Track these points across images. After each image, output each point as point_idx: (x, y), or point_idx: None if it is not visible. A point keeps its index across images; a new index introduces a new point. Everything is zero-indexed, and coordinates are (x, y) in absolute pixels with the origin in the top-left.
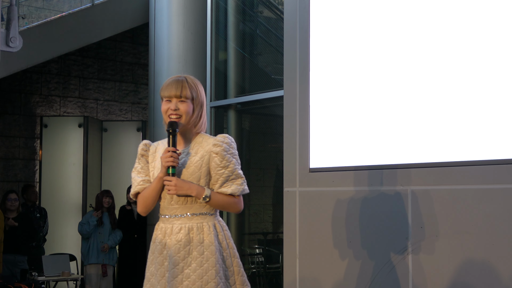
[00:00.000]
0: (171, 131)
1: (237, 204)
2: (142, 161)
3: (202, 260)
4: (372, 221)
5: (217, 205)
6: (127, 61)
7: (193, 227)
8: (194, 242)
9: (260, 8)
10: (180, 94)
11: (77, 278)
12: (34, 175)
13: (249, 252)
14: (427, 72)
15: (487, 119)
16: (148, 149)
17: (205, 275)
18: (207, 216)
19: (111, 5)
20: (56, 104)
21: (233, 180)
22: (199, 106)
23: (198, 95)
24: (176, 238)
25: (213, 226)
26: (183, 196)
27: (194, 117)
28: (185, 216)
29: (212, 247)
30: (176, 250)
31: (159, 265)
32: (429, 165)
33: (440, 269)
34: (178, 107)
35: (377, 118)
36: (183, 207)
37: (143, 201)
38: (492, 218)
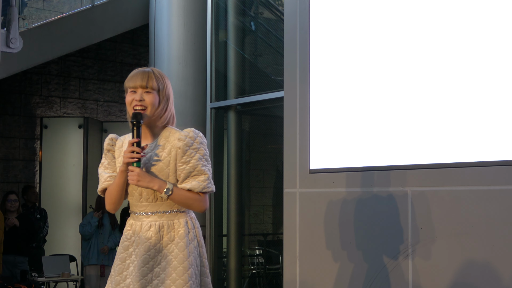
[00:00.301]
0: (135, 122)
1: (200, 201)
2: (108, 157)
3: (171, 258)
4: (372, 222)
5: (179, 200)
6: (127, 62)
7: (164, 224)
8: (164, 240)
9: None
10: (146, 85)
11: (77, 279)
12: (34, 176)
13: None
14: (426, 73)
15: (486, 120)
16: (115, 143)
17: (174, 272)
18: (178, 213)
19: (111, 6)
20: (56, 105)
21: (195, 176)
22: (165, 99)
23: (164, 87)
24: (145, 236)
25: (184, 223)
26: (151, 194)
27: (159, 109)
28: (155, 214)
29: (181, 243)
30: (145, 248)
31: (120, 261)
32: (429, 166)
33: (440, 271)
34: (143, 98)
35: (377, 119)
36: (153, 204)
37: (109, 197)
38: (491, 219)
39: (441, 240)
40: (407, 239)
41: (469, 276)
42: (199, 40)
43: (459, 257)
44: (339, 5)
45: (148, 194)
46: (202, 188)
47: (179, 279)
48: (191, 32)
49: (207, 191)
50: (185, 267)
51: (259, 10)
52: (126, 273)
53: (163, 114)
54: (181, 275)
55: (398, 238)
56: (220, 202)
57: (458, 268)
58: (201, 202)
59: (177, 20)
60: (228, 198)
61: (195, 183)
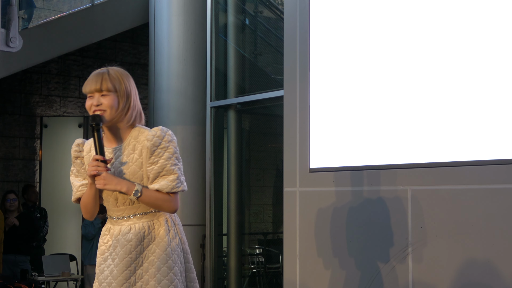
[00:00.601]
0: (94, 125)
1: (170, 202)
2: (77, 164)
3: (153, 259)
4: (372, 221)
5: (148, 202)
6: (127, 61)
7: (144, 226)
8: (145, 241)
9: (260, 8)
10: (100, 88)
11: (77, 278)
12: (34, 175)
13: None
14: (426, 72)
15: (486, 119)
16: (82, 149)
17: (158, 273)
18: (157, 213)
19: (111, 5)
20: (56, 104)
21: (164, 176)
22: (124, 98)
23: (121, 86)
24: (125, 238)
25: (164, 222)
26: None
27: (120, 110)
28: (134, 216)
29: (162, 243)
30: (127, 251)
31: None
32: (429, 165)
33: (440, 270)
34: (100, 101)
35: (377, 118)
36: (130, 207)
37: (84, 207)
38: (492, 218)
39: (441, 239)
40: (407, 238)
41: (469, 275)
42: (199, 39)
43: (459, 256)
44: (339, 4)
45: (124, 198)
46: (171, 188)
47: (164, 279)
48: (191, 31)
49: (176, 191)
50: (169, 266)
51: (259, 9)
52: (101, 278)
53: (126, 113)
54: (166, 275)
55: (398, 237)
56: (220, 201)
57: (458, 267)
58: (171, 202)
59: (177, 19)
60: (228, 197)
61: (164, 183)
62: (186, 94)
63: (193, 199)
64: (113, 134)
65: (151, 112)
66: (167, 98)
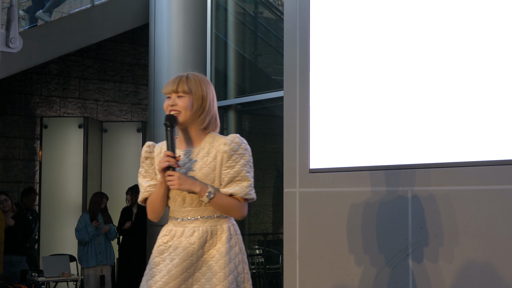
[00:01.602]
0: (168, 124)
1: (240, 208)
2: (146, 164)
3: (212, 264)
4: (373, 222)
5: (220, 205)
6: (127, 61)
7: (207, 230)
8: (206, 246)
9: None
10: (176, 89)
11: (77, 279)
12: (34, 176)
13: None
14: (427, 73)
15: (486, 120)
16: (153, 150)
17: (214, 277)
18: (221, 219)
19: (111, 6)
20: (56, 104)
21: (238, 182)
22: (199, 101)
23: (197, 89)
24: (188, 241)
25: (227, 229)
26: (195, 198)
27: (193, 111)
28: (198, 219)
29: (223, 249)
30: (188, 253)
31: (154, 265)
32: (429, 165)
33: (441, 270)
34: (176, 102)
35: (377, 119)
36: (196, 209)
37: (151, 207)
38: (492, 219)
39: (441, 239)
40: (407, 238)
41: (469, 276)
42: (199, 40)
43: (460, 257)
44: (339, 5)
45: (191, 199)
46: (245, 194)
47: (219, 285)
48: (191, 32)
49: (248, 197)
50: (226, 273)
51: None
52: (157, 278)
53: (199, 116)
54: (222, 280)
55: (398, 237)
56: None
57: (458, 268)
58: (241, 208)
59: (177, 19)
60: None
61: (238, 188)
62: None
63: None
64: (186, 137)
65: (151, 112)
66: None
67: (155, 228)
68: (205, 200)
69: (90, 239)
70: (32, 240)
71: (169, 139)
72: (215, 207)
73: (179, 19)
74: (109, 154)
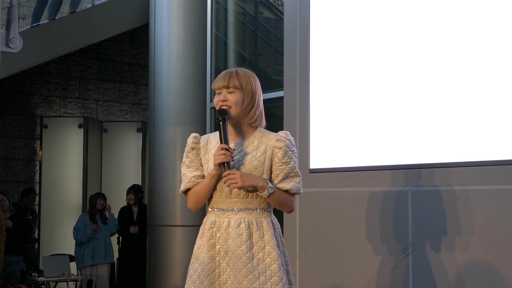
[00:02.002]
0: (221, 118)
1: (292, 202)
2: (192, 154)
3: (264, 255)
4: (372, 221)
5: (277, 200)
6: (127, 61)
7: (253, 221)
8: (254, 237)
9: (260, 9)
10: (227, 84)
11: (77, 279)
12: (34, 176)
13: None
14: (426, 73)
15: (486, 120)
16: (199, 141)
17: (268, 269)
18: (265, 212)
19: (111, 6)
20: (56, 104)
21: (292, 178)
22: (249, 96)
23: (248, 85)
24: (236, 232)
25: (271, 222)
26: (244, 190)
27: (244, 106)
28: (244, 211)
29: (272, 241)
30: (237, 244)
31: (209, 259)
32: (429, 165)
33: (441, 270)
34: (227, 97)
35: (377, 119)
36: (243, 201)
37: (195, 197)
38: (492, 218)
39: (441, 239)
40: (407, 238)
41: (469, 276)
42: (199, 40)
43: (460, 256)
44: (339, 5)
45: (239, 190)
46: (297, 189)
47: (275, 276)
48: (191, 32)
49: (299, 193)
50: (279, 265)
51: (259, 9)
52: (219, 270)
53: (250, 111)
54: (277, 271)
55: (398, 237)
56: None
57: (458, 268)
58: (293, 202)
59: (177, 19)
60: None
61: (292, 184)
62: (186, 95)
63: None
64: (236, 130)
65: (151, 112)
66: (167, 98)
67: (155, 228)
68: (265, 195)
69: (86, 241)
70: (32, 239)
71: (222, 132)
72: (272, 201)
73: (179, 19)
74: (109, 154)
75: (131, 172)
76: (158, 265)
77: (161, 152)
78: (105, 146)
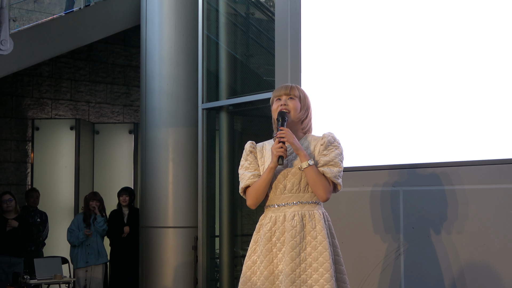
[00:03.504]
0: (280, 119)
1: (327, 188)
2: (250, 157)
3: (316, 244)
4: (364, 221)
5: (312, 176)
6: (119, 63)
7: (305, 214)
8: (307, 228)
9: (252, 10)
10: (289, 92)
11: (69, 281)
12: (25, 178)
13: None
14: (420, 73)
15: (477, 120)
16: (256, 146)
17: (320, 256)
18: (317, 205)
19: (103, 8)
20: (47, 106)
21: (331, 166)
22: (306, 106)
23: (305, 97)
24: (291, 224)
25: (322, 213)
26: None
27: (301, 114)
28: (297, 204)
29: (323, 232)
30: (292, 235)
31: (267, 251)
32: (420, 165)
33: (432, 270)
34: (287, 103)
35: (368, 119)
36: (295, 195)
37: (254, 193)
38: (483, 218)
39: (433, 239)
40: (399, 238)
41: (461, 275)
42: (191, 41)
43: (451, 256)
44: (330, 6)
45: (292, 185)
46: (334, 176)
47: (326, 263)
48: (183, 33)
49: (335, 181)
50: (329, 253)
51: (250, 10)
52: (277, 260)
53: (304, 119)
54: (328, 259)
55: (390, 237)
56: (212, 203)
57: (450, 267)
58: (327, 189)
59: (168, 21)
60: (220, 199)
61: (329, 169)
62: (178, 96)
63: (185, 201)
64: None
65: (143, 114)
66: (159, 100)
67: (147, 230)
68: (304, 165)
69: (78, 244)
70: (39, 243)
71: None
72: (308, 175)
73: (170, 21)
74: (101, 156)
75: (123, 174)
76: (151, 266)
77: (153, 154)
78: (97, 147)
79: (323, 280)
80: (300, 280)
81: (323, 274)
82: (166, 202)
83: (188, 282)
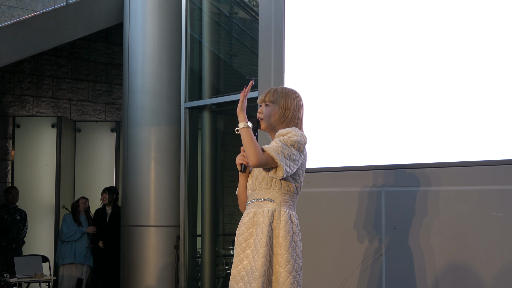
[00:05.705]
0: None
1: (258, 152)
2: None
3: (256, 240)
4: (346, 222)
5: (246, 137)
6: (101, 61)
7: (257, 212)
8: (274, 224)
9: (235, 9)
10: (264, 99)
11: (49, 279)
12: (6, 175)
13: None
14: (401, 75)
15: (459, 121)
16: None
17: (256, 254)
18: (269, 202)
19: (85, 5)
20: (29, 104)
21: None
22: (282, 111)
23: (282, 100)
24: (244, 221)
25: (271, 211)
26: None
27: (275, 119)
28: (253, 202)
29: (264, 229)
30: (242, 232)
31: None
32: (402, 166)
33: (413, 270)
34: (262, 110)
35: (350, 120)
36: (254, 193)
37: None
38: (464, 219)
39: (414, 239)
40: (380, 238)
41: (442, 275)
42: (174, 40)
43: (432, 257)
44: (314, 5)
45: (249, 185)
46: (268, 147)
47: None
48: (166, 32)
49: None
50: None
51: (234, 10)
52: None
53: (281, 123)
54: (261, 257)
55: (371, 237)
56: (194, 202)
57: (431, 268)
58: (258, 154)
59: (151, 19)
60: (202, 198)
61: (268, 146)
62: (161, 95)
63: (167, 200)
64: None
65: (125, 112)
66: (142, 98)
67: (129, 229)
68: (241, 125)
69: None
70: (19, 241)
71: None
72: (242, 138)
73: (153, 19)
74: (82, 154)
75: (105, 172)
76: (132, 265)
77: (135, 152)
78: (79, 146)
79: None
80: (240, 276)
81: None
82: (148, 201)
83: (170, 281)
